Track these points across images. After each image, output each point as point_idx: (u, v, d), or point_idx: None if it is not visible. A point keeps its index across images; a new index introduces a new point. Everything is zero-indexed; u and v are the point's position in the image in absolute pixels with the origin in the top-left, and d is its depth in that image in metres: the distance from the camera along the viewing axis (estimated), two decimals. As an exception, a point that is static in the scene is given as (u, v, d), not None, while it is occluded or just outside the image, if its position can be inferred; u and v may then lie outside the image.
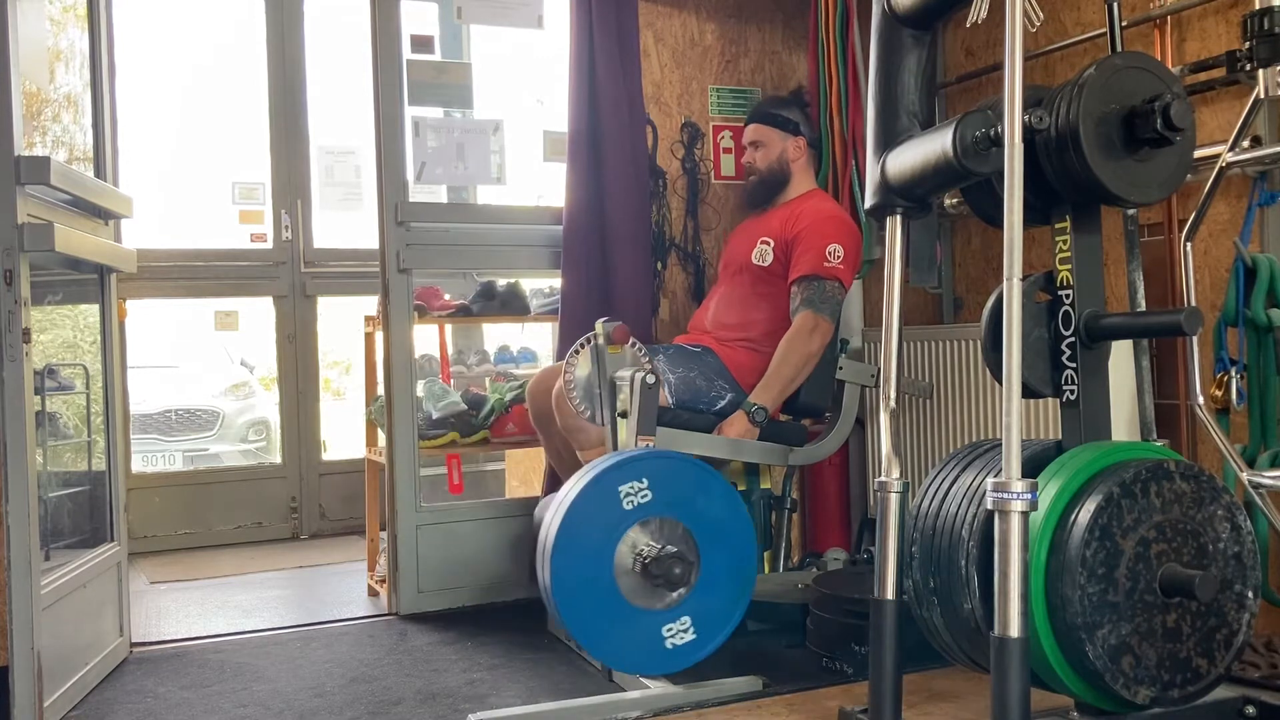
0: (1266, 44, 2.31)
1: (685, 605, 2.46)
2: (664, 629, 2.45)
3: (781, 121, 3.31)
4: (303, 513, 4.90)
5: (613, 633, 2.43)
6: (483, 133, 3.66)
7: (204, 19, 6.09)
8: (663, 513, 2.46)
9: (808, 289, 3.09)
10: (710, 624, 2.49)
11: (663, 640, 2.45)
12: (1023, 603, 1.65)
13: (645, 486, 2.44)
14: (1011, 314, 1.71)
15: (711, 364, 3.11)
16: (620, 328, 2.86)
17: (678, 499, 2.48)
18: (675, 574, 2.40)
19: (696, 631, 2.47)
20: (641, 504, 2.44)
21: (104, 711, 2.60)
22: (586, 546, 2.41)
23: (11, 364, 2.38)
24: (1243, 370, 2.52)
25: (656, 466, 2.48)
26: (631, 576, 2.43)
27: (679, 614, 2.46)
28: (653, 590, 2.44)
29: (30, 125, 2.73)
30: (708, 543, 2.49)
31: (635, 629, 2.44)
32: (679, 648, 2.46)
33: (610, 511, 2.43)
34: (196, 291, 4.93)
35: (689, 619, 2.47)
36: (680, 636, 2.46)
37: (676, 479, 2.50)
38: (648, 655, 2.46)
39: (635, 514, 2.44)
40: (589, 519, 2.42)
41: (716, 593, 2.49)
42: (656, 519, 2.45)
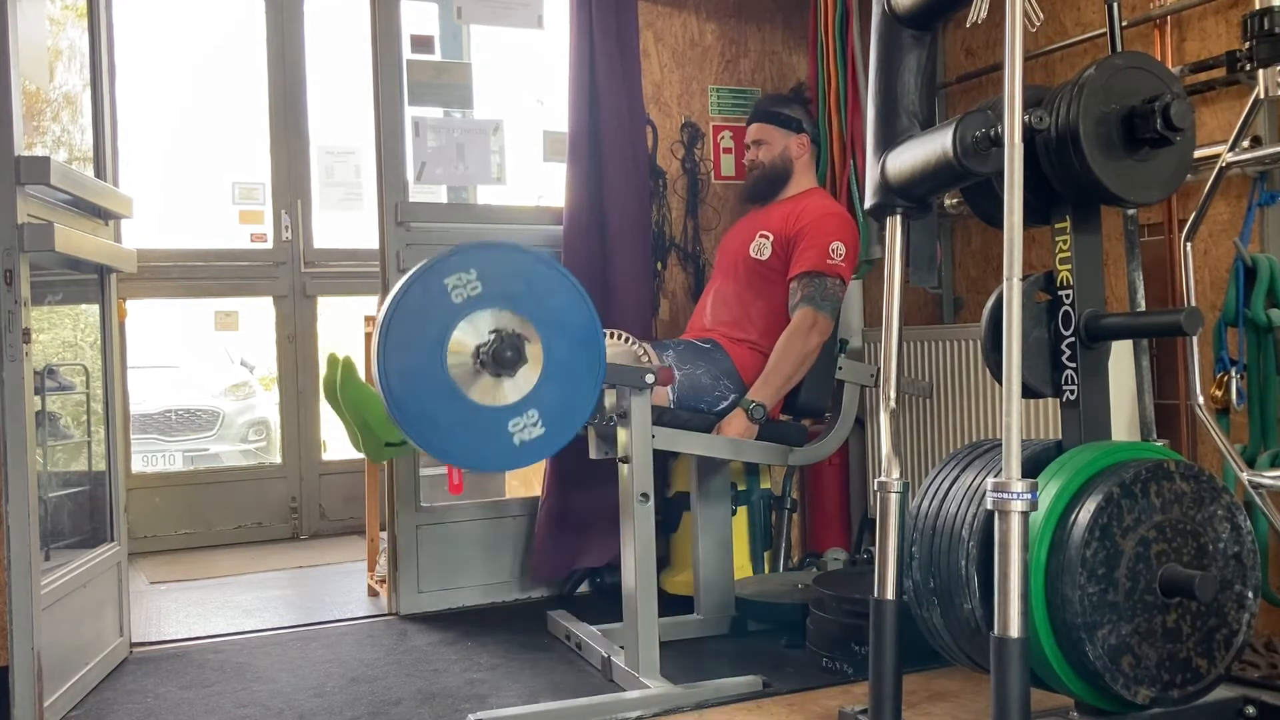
0: (1266, 44, 2.31)
1: (531, 399, 2.32)
2: (510, 424, 2.32)
3: (784, 119, 3.31)
4: (303, 513, 4.90)
5: (456, 432, 2.29)
6: (483, 133, 3.66)
7: (204, 19, 6.08)
8: (495, 305, 2.31)
9: (809, 285, 3.09)
10: (559, 417, 2.35)
11: (510, 437, 2.32)
12: (1023, 603, 1.65)
13: (474, 278, 2.29)
14: (1011, 314, 1.71)
15: (720, 362, 3.10)
16: (666, 370, 2.86)
17: (512, 291, 2.33)
18: (506, 356, 2.26)
19: (545, 425, 2.34)
20: (471, 296, 2.28)
21: (104, 711, 2.60)
22: (417, 345, 2.26)
23: (11, 364, 2.38)
24: (1243, 370, 2.52)
25: (486, 256, 2.33)
26: (467, 371, 2.30)
27: (525, 408, 2.32)
28: (492, 384, 2.31)
29: (30, 125, 2.73)
30: (549, 333, 2.35)
31: (479, 426, 2.30)
32: (528, 443, 2.33)
33: (438, 305, 2.27)
34: (196, 291, 4.93)
35: (536, 412, 2.33)
36: (528, 431, 2.33)
37: (509, 270, 2.35)
38: (496, 453, 2.34)
39: (465, 307, 2.29)
40: (417, 314, 2.26)
41: (563, 384, 2.35)
42: (489, 311, 2.31)
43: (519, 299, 2.34)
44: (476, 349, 2.30)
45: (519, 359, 2.30)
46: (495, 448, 2.32)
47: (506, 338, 2.29)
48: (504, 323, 2.32)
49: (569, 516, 3.50)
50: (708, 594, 3.12)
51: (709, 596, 3.12)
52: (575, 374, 2.38)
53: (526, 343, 2.32)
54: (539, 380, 2.33)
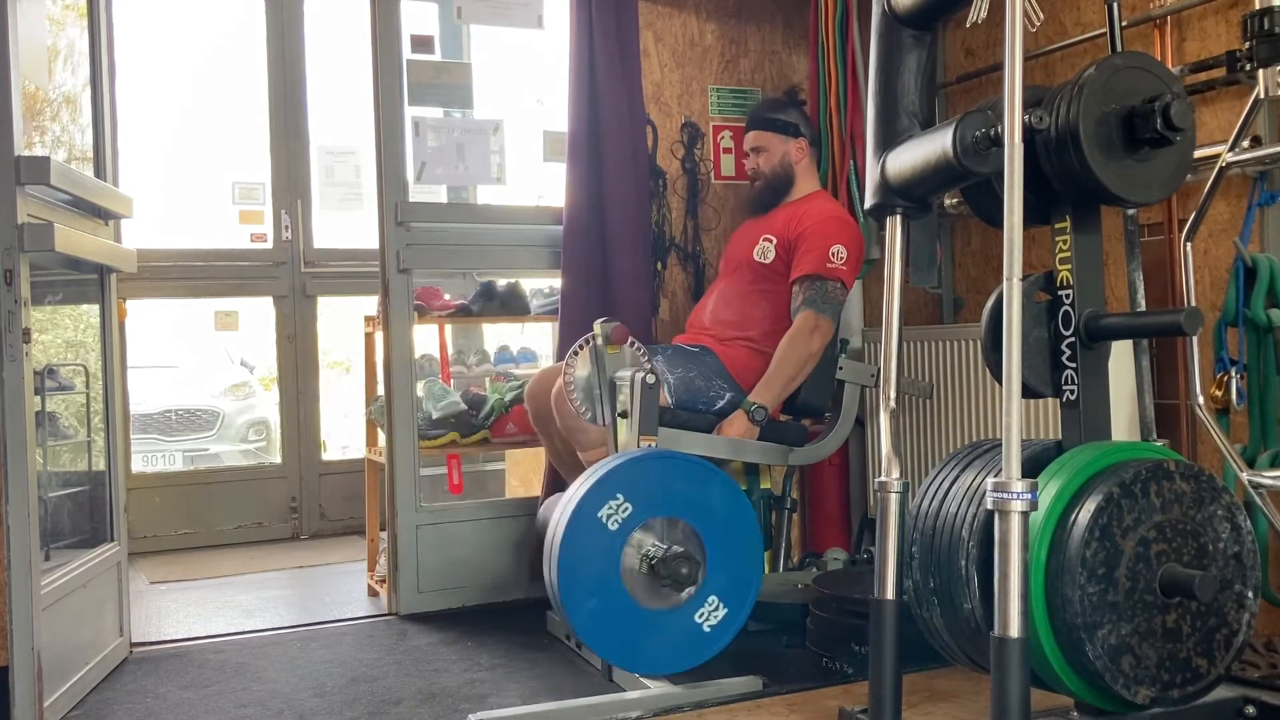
0: (1266, 44, 2.31)
1: (706, 587, 2.52)
2: (696, 616, 2.51)
3: (781, 125, 3.31)
4: (303, 513, 4.90)
5: (655, 644, 2.49)
6: (483, 133, 3.66)
7: (204, 19, 6.08)
8: (649, 516, 2.49)
9: (810, 289, 3.09)
10: (736, 593, 2.56)
11: (699, 627, 2.52)
12: (1023, 603, 1.65)
13: (622, 501, 2.47)
14: (1011, 314, 1.71)
15: (710, 364, 3.11)
16: (619, 328, 2.86)
17: (655, 500, 2.51)
18: (683, 574, 2.44)
19: (726, 605, 2.54)
20: (625, 518, 2.47)
21: (104, 711, 2.60)
22: (591, 584, 2.45)
23: (11, 364, 2.38)
24: (1243, 370, 2.52)
25: (625, 478, 2.50)
26: (648, 589, 2.48)
27: (705, 596, 2.52)
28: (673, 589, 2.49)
29: (30, 125, 2.73)
30: (704, 522, 2.53)
31: (673, 629, 2.50)
32: (716, 626, 2.53)
33: (600, 540, 2.46)
34: (196, 291, 4.93)
35: (715, 597, 2.53)
36: (714, 616, 2.53)
37: (648, 480, 2.52)
38: (692, 646, 2.52)
39: (622, 532, 2.47)
40: (584, 558, 2.45)
41: (730, 563, 2.54)
42: (644, 524, 2.49)
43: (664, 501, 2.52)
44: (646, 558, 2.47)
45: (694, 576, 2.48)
46: (690, 643, 2.53)
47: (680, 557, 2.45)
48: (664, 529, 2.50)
49: (569, 517, 3.50)
50: (708, 594, 3.12)
51: (709, 596, 3.12)
52: (737, 550, 2.58)
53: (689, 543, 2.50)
54: (708, 568, 2.52)
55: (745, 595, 2.57)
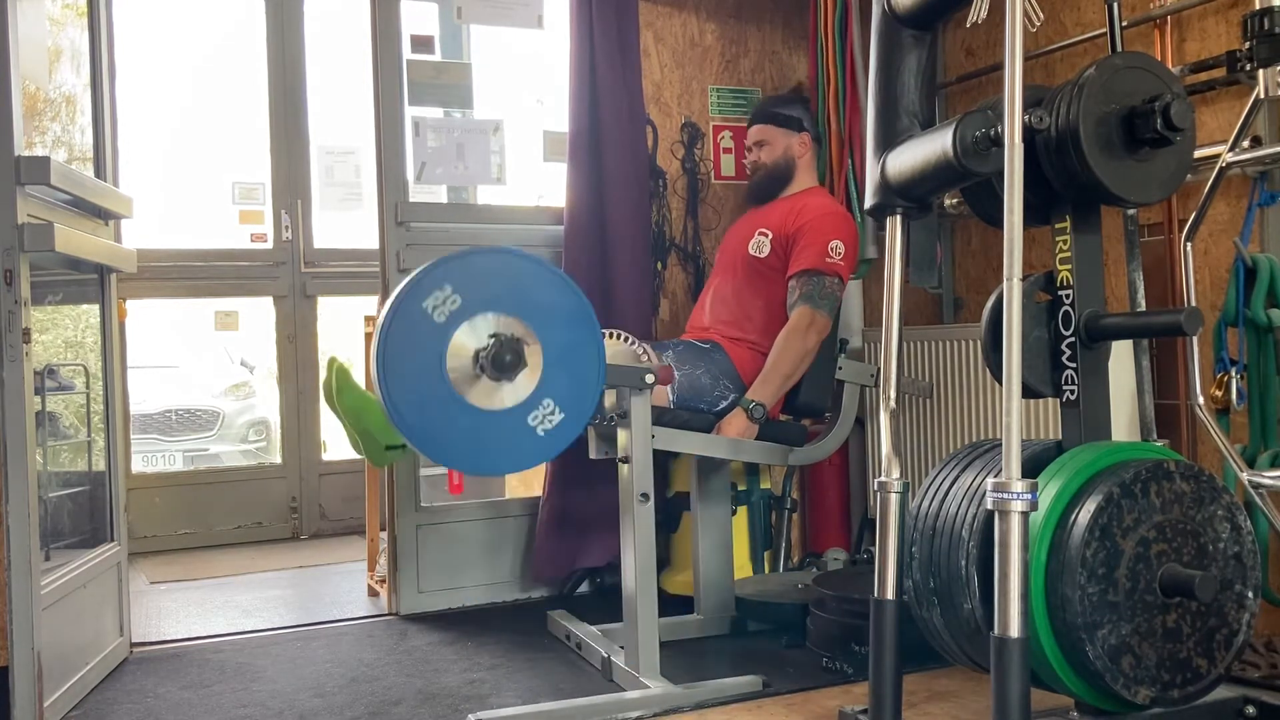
0: (1266, 44, 2.31)
1: (542, 390, 2.37)
2: (529, 419, 2.37)
3: (784, 119, 3.31)
4: (303, 513, 4.90)
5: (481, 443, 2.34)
6: (483, 133, 3.66)
7: (204, 19, 6.08)
8: (480, 311, 2.34)
9: (807, 283, 3.09)
10: (575, 398, 2.40)
11: (533, 430, 2.37)
12: (1023, 603, 1.65)
13: (450, 293, 2.31)
14: (1011, 314, 1.71)
15: (720, 362, 3.10)
16: (666, 369, 2.87)
17: (492, 295, 2.36)
18: (506, 361, 2.30)
19: (564, 410, 2.39)
20: (454, 311, 2.32)
21: (104, 711, 2.60)
22: (416, 374, 2.29)
23: (11, 364, 2.38)
24: (1243, 370, 2.52)
25: (453, 268, 2.34)
26: (473, 383, 2.33)
27: (539, 399, 2.37)
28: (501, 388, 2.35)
29: (30, 125, 2.73)
30: (540, 323, 2.37)
31: (501, 431, 2.34)
32: (552, 430, 2.38)
33: (424, 331, 2.30)
34: (196, 291, 4.93)
35: (551, 401, 2.38)
36: (550, 420, 2.38)
37: (484, 275, 2.38)
38: (524, 449, 2.38)
39: (451, 324, 2.31)
40: (407, 348, 2.29)
41: (570, 370, 2.40)
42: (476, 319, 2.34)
43: (501, 300, 2.36)
44: (476, 355, 2.32)
45: (519, 362, 2.33)
46: (522, 446, 2.37)
47: (503, 343, 2.31)
48: (495, 326, 2.34)
49: (569, 516, 3.50)
50: (708, 594, 3.12)
51: (709, 596, 3.12)
52: (577, 354, 2.41)
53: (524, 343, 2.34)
54: (544, 370, 2.36)
55: (584, 402, 2.40)
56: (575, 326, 2.42)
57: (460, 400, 2.31)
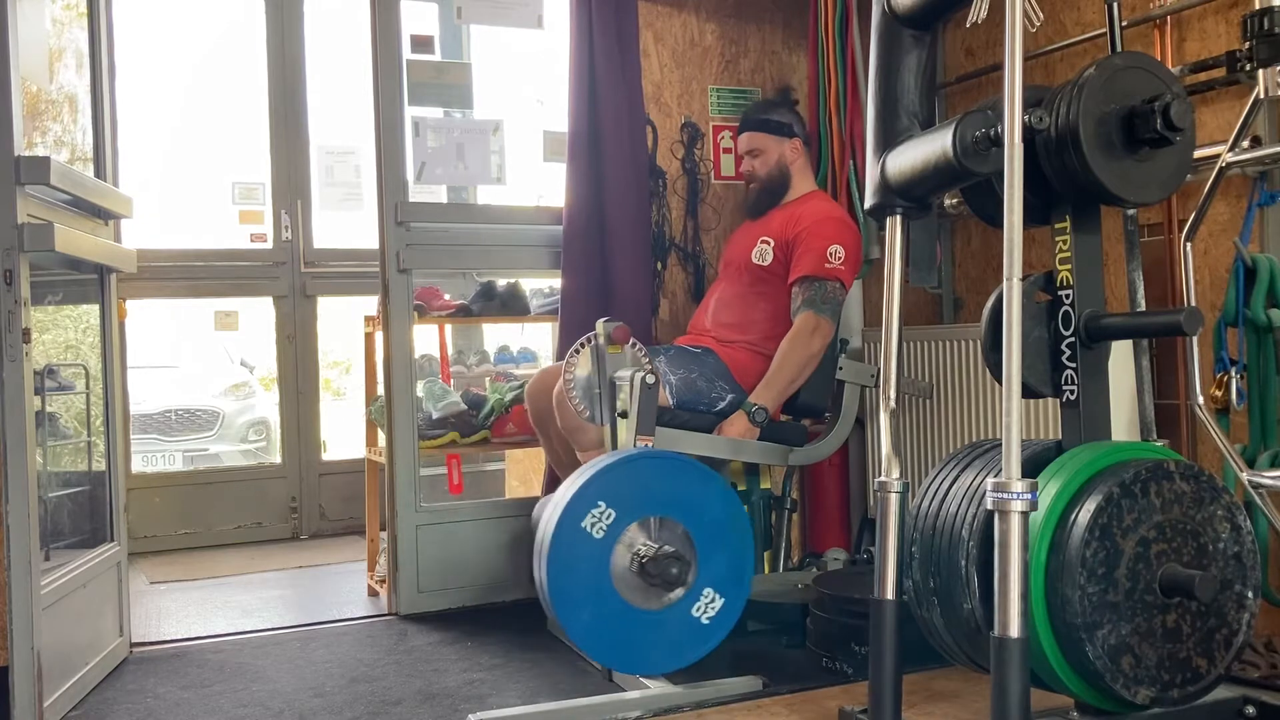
0: (1266, 44, 2.31)
1: (701, 580, 2.49)
2: (693, 610, 2.49)
3: (774, 126, 3.31)
4: (303, 513, 4.90)
5: (655, 643, 2.47)
6: (483, 133, 3.66)
7: (203, 19, 6.09)
8: (632, 520, 2.46)
9: (809, 289, 3.09)
10: (732, 582, 2.53)
11: (698, 620, 2.50)
12: (1023, 603, 1.65)
13: (605, 508, 2.45)
14: (1011, 314, 1.71)
15: (712, 365, 3.11)
16: (621, 328, 2.86)
17: (638, 502, 2.48)
18: (673, 574, 2.42)
19: (723, 595, 2.51)
20: (609, 525, 2.45)
21: (104, 711, 2.60)
22: (584, 594, 2.42)
23: (11, 364, 2.38)
24: (1243, 370, 2.52)
25: (604, 485, 2.47)
26: (641, 591, 2.45)
27: (700, 589, 2.49)
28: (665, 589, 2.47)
29: (31, 125, 2.73)
30: (690, 517, 2.49)
31: (671, 627, 2.48)
32: (715, 617, 2.51)
33: (586, 550, 2.43)
34: (196, 291, 4.93)
35: (710, 589, 2.51)
36: (711, 608, 2.50)
37: (628, 483, 2.49)
38: (692, 640, 2.50)
39: (609, 539, 2.45)
40: (573, 570, 2.42)
41: (721, 552, 2.51)
42: (631, 529, 2.46)
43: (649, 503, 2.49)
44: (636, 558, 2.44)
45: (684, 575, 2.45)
46: (690, 637, 2.50)
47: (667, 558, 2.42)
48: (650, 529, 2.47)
49: (569, 517, 3.50)
50: (708, 594, 3.12)
51: (709, 596, 3.12)
52: (726, 540, 2.54)
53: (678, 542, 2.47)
54: (698, 560, 2.49)
55: (741, 582, 2.54)
56: (722, 512, 2.55)
57: (632, 609, 2.45)
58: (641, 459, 2.57)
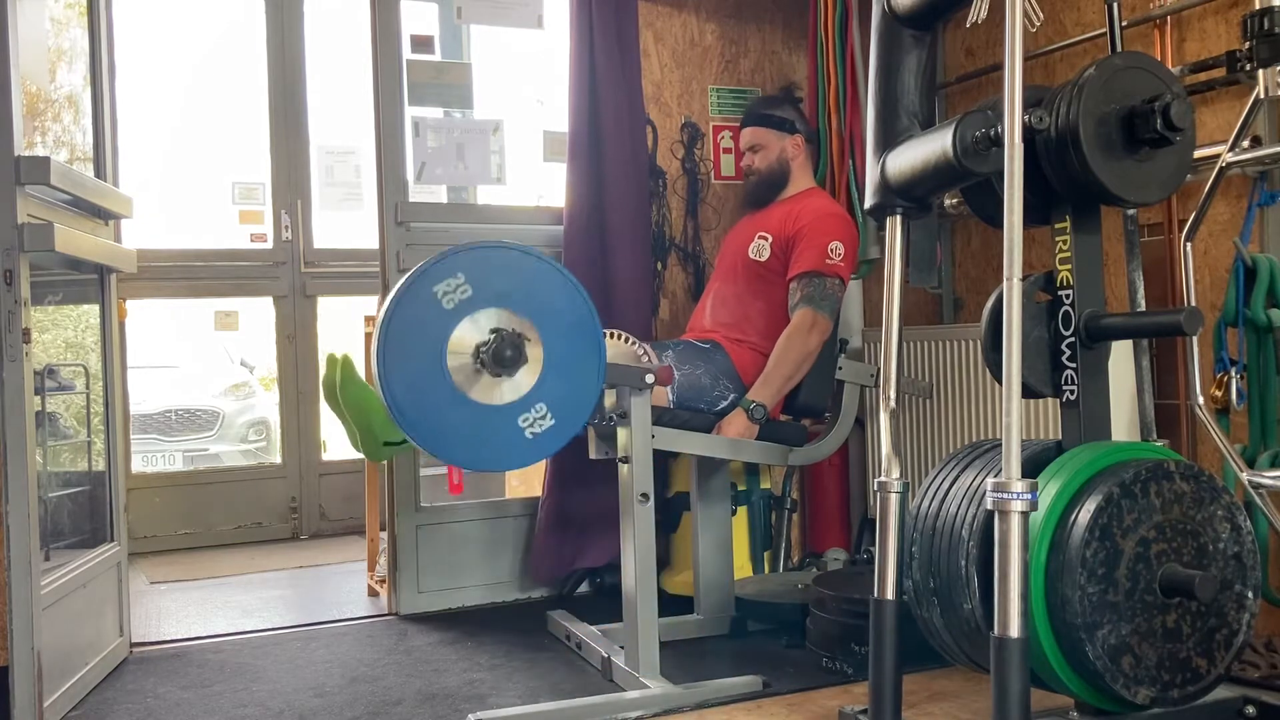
0: (1266, 44, 2.31)
1: (536, 393, 2.35)
2: (519, 420, 2.35)
3: (777, 122, 3.31)
4: (303, 513, 4.90)
5: (468, 436, 2.33)
6: (483, 133, 3.66)
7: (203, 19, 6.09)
8: (488, 305, 2.33)
9: (808, 285, 3.09)
10: (567, 407, 2.38)
11: (522, 432, 2.36)
12: (1023, 603, 1.65)
13: (463, 282, 2.30)
14: (1011, 314, 1.72)
15: (720, 362, 3.10)
16: (666, 369, 2.86)
17: (503, 290, 2.34)
18: (506, 355, 2.29)
19: (555, 417, 2.37)
20: (463, 300, 2.31)
21: (104, 711, 2.60)
22: (416, 356, 2.28)
23: (11, 364, 2.38)
24: (1243, 370, 2.52)
25: (471, 258, 2.33)
26: (470, 375, 2.32)
27: (531, 402, 2.35)
28: (496, 384, 2.33)
29: (30, 125, 2.73)
30: (546, 326, 2.37)
31: (489, 427, 2.33)
32: (540, 435, 2.37)
33: (431, 313, 2.29)
34: (196, 291, 4.93)
35: (544, 405, 2.36)
36: (539, 424, 2.37)
37: (497, 269, 2.36)
38: (510, 450, 2.37)
39: (458, 312, 2.30)
40: (410, 327, 2.28)
41: (567, 377, 2.39)
42: (483, 313, 2.33)
43: (511, 296, 2.35)
44: (476, 349, 2.31)
45: (519, 358, 2.32)
46: (509, 446, 2.36)
47: (505, 337, 2.30)
48: (500, 322, 2.33)
49: (569, 516, 3.50)
50: (708, 594, 3.12)
51: (709, 596, 3.12)
52: (577, 363, 2.40)
53: (526, 341, 2.33)
54: (542, 373, 2.35)
55: (578, 410, 2.39)
56: (580, 336, 2.41)
57: (455, 390, 2.31)
58: (520, 250, 2.41)
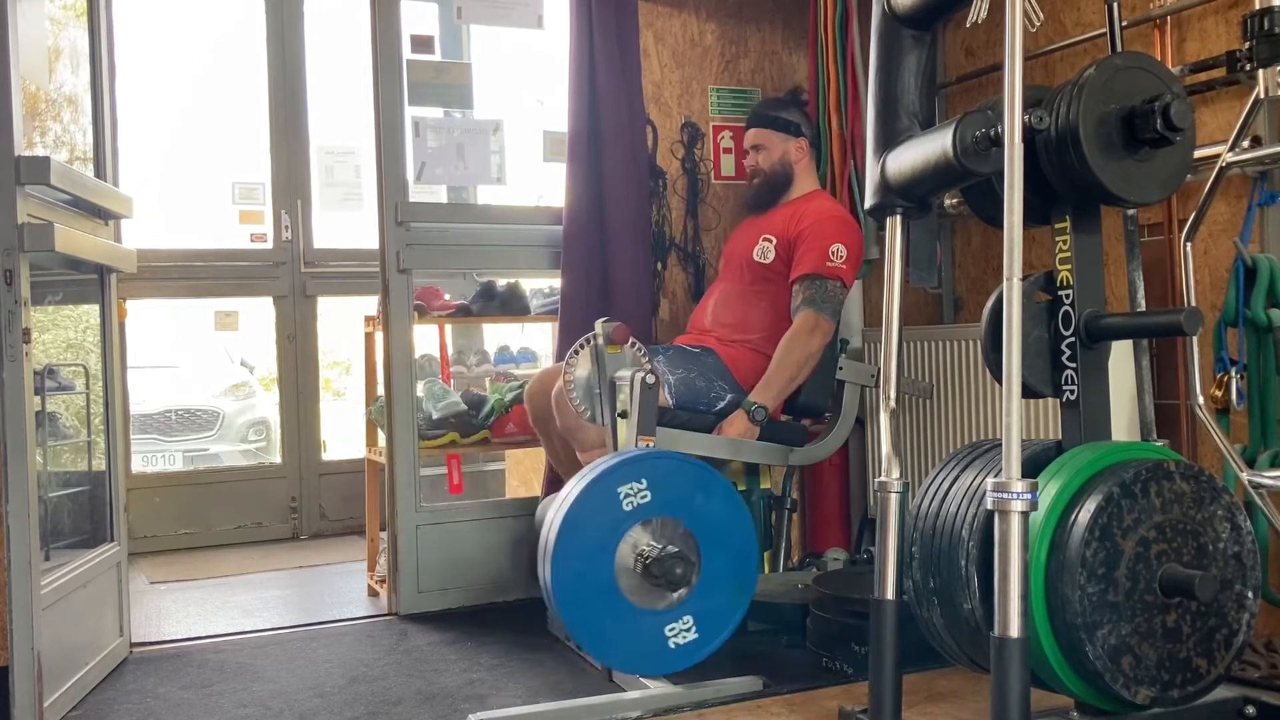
0: (1266, 44, 2.31)
1: (687, 605, 2.47)
2: (666, 629, 2.46)
3: (782, 124, 3.31)
4: (303, 513, 4.90)
5: (615, 633, 2.44)
6: (483, 133, 3.66)
7: (204, 19, 6.08)
8: (662, 513, 2.46)
9: (810, 288, 3.09)
10: (712, 623, 2.50)
11: (665, 640, 2.47)
12: (1023, 603, 1.65)
13: (644, 487, 2.45)
14: (1011, 314, 1.71)
15: (712, 364, 3.11)
16: (620, 328, 2.86)
17: (677, 499, 2.48)
18: (677, 574, 2.41)
19: (699, 630, 2.49)
20: (641, 505, 2.44)
21: (104, 711, 2.60)
22: (587, 547, 2.41)
23: (11, 364, 2.38)
24: (1243, 370, 2.52)
25: (655, 466, 2.49)
26: (633, 577, 2.44)
27: (681, 613, 2.47)
28: (654, 591, 2.45)
29: (30, 125, 2.73)
30: (708, 542, 2.49)
31: (638, 629, 2.45)
32: (681, 647, 2.48)
33: (610, 512, 2.43)
34: (196, 291, 4.93)
35: (691, 618, 2.48)
36: (683, 636, 2.47)
37: (675, 479, 2.50)
38: (650, 655, 2.47)
39: (635, 515, 2.44)
40: (589, 520, 2.42)
41: (718, 592, 2.50)
42: (657, 519, 2.46)
43: (682, 506, 2.48)
44: (640, 556, 2.43)
45: (685, 580, 2.43)
46: (650, 650, 2.47)
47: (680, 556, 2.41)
48: (669, 531, 2.46)
49: (569, 517, 3.50)
50: (708, 594, 3.12)
51: (709, 597, 3.12)
52: (731, 583, 2.53)
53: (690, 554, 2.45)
54: (696, 588, 2.47)
55: (720, 627, 2.51)
56: (738, 557, 2.53)
57: (615, 589, 2.43)
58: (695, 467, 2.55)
